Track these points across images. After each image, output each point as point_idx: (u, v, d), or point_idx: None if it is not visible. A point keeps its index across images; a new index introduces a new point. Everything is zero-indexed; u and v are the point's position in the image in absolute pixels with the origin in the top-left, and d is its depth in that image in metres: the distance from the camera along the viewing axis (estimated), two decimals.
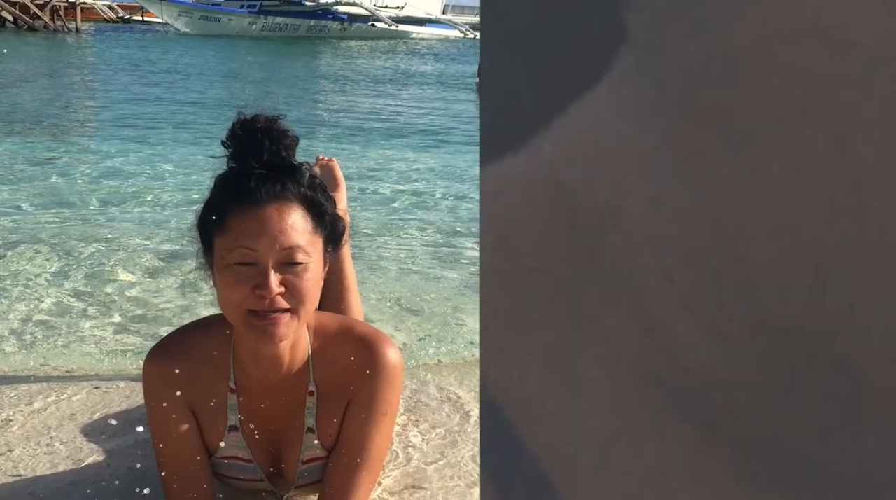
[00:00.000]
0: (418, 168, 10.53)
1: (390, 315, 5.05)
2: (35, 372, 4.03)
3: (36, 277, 5.56)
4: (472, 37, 66.93)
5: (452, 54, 44.09)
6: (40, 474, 3.07)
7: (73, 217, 7.28)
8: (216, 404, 2.59)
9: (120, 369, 4.08)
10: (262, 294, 2.29)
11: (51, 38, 45.51)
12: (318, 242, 2.42)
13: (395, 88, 23.77)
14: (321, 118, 15.82)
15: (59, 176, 9.10)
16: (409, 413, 3.57)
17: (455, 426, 3.49)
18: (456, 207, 8.30)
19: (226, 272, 2.33)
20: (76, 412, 3.56)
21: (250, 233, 2.30)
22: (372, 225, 7.21)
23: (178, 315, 4.91)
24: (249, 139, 2.41)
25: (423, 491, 2.97)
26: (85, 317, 4.89)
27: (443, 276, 5.91)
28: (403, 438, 3.35)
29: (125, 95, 18.84)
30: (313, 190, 2.43)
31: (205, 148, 10.65)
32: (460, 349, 4.49)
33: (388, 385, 2.59)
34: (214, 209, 2.39)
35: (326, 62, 35.58)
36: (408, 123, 15.55)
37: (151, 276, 5.70)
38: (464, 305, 5.28)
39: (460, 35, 67.76)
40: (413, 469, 3.12)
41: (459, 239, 6.99)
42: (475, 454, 3.24)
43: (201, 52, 36.53)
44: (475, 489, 2.99)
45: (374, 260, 6.15)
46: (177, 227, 6.73)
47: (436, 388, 3.88)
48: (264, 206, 2.33)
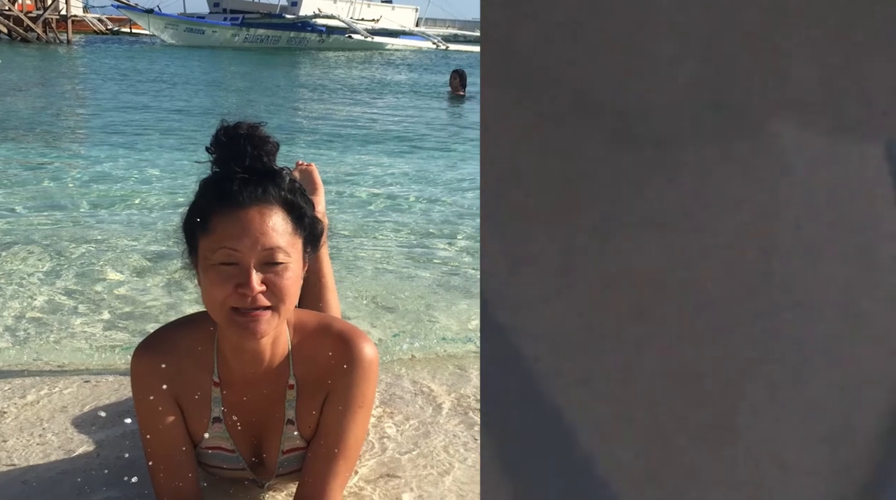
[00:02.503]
0: (393, 173, 10.53)
1: (366, 312, 5.05)
2: (28, 367, 4.01)
3: (29, 276, 5.54)
4: (444, 48, 66.95)
5: (425, 65, 44.06)
6: (33, 463, 3.06)
7: (64, 219, 7.25)
8: (200, 397, 2.59)
9: (109, 364, 4.07)
10: (244, 292, 2.30)
11: (43, 49, 45.34)
12: (298, 243, 2.43)
13: (370, 97, 23.75)
14: (300, 125, 15.80)
15: (51, 180, 9.07)
16: (384, 406, 3.58)
17: (428, 418, 3.49)
18: (429, 209, 8.30)
19: (210, 272, 2.34)
20: (67, 405, 3.55)
21: (233, 234, 2.31)
22: (349, 227, 7.21)
23: (164, 312, 4.90)
24: (232, 145, 2.42)
25: (398, 479, 2.98)
26: (76, 314, 4.87)
27: (416, 275, 5.91)
28: (379, 429, 3.36)
29: (114, 103, 18.77)
30: (293, 193, 2.44)
31: (190, 153, 10.64)
32: (433, 345, 4.49)
33: (365, 379, 2.60)
34: (199, 212, 2.39)
35: (305, 72, 35.54)
36: (383, 129, 15.53)
37: (139, 275, 5.69)
38: (436, 302, 5.28)
39: (433, 46, 67.69)
40: (388, 459, 3.13)
41: (432, 240, 6.99)
42: (447, 445, 3.25)
43: (186, 63, 36.43)
44: (447, 477, 3.00)
45: (351, 260, 6.15)
46: (163, 228, 6.72)
47: (410, 382, 3.88)
48: (246, 208, 2.34)
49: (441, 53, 61.86)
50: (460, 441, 3.29)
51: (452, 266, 6.19)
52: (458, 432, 3.38)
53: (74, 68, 32.62)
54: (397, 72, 37.19)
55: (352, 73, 35.16)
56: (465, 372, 4.02)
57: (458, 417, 3.52)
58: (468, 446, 3.25)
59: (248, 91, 25.29)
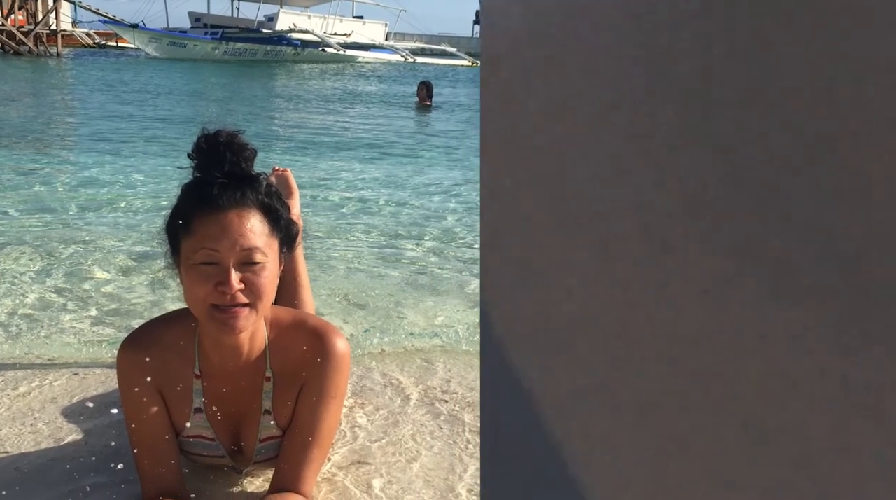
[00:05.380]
0: (364, 178, 10.52)
1: (339, 309, 5.04)
2: (20, 360, 4.00)
3: (21, 275, 5.51)
4: (412, 61, 66.95)
5: (394, 76, 44.05)
6: (25, 451, 3.05)
7: (54, 222, 7.22)
8: (182, 389, 2.60)
9: (96, 358, 4.06)
10: (223, 290, 2.31)
11: (34, 61, 45.05)
12: (274, 243, 2.43)
13: (343, 107, 23.71)
14: (277, 133, 15.76)
15: (41, 185, 9.02)
16: (356, 397, 3.58)
17: (396, 408, 3.50)
18: (398, 212, 8.30)
19: (191, 271, 2.35)
20: (57, 396, 3.54)
21: (213, 236, 2.32)
22: (322, 229, 7.20)
23: (148, 309, 4.88)
24: (213, 152, 2.43)
25: (368, 466, 2.98)
26: (65, 311, 4.85)
27: (386, 274, 5.91)
28: (350, 419, 3.36)
29: (101, 113, 18.67)
30: (270, 197, 2.45)
31: (172, 160, 10.57)
32: (401, 340, 4.49)
33: (337, 372, 2.60)
34: (181, 215, 2.40)
35: (282, 83, 35.44)
36: (354, 137, 15.52)
37: (125, 274, 5.66)
38: (404, 300, 5.28)
39: (401, 59, 67.64)
40: (359, 447, 3.13)
41: (401, 241, 6.99)
42: (414, 433, 3.26)
43: (169, 74, 36.29)
44: (415, 464, 3.00)
45: (325, 260, 6.14)
46: (147, 230, 6.69)
47: (380, 374, 3.88)
48: (226, 211, 2.34)
49: (409, 66, 61.84)
50: (427, 430, 3.29)
51: (420, 266, 6.19)
52: (425, 421, 3.38)
53: (64, 79, 32.44)
54: (368, 83, 37.16)
55: (325, 85, 35.10)
56: (432, 365, 4.03)
57: (424, 407, 3.52)
58: (434, 434, 3.26)
59: (228, 101, 25.21)
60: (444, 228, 7.57)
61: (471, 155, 13.15)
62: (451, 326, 4.77)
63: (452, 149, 13.97)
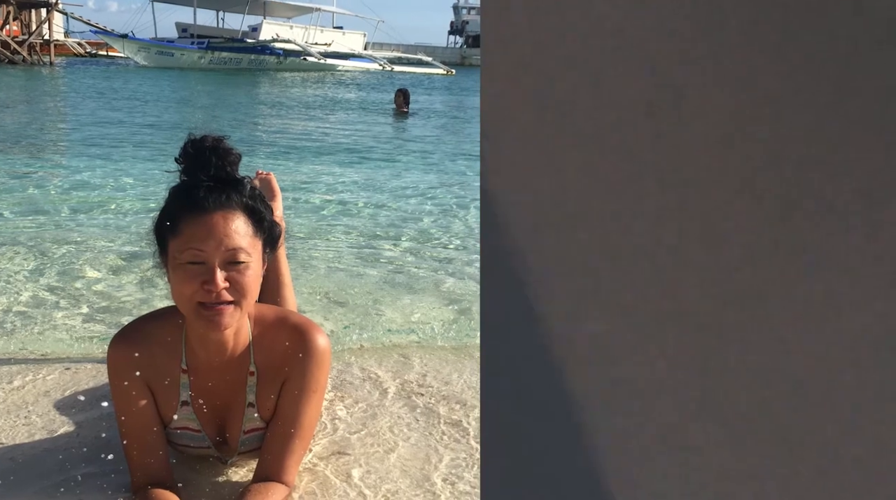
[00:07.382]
0: (344, 181, 10.51)
1: (320, 307, 5.04)
2: (14, 355, 3.98)
3: (15, 274, 5.49)
4: (389, 69, 66.99)
5: (373, 84, 44.01)
6: (19, 442, 3.04)
7: (47, 223, 7.18)
8: (170, 383, 2.59)
9: (88, 353, 4.05)
10: (209, 289, 2.31)
11: (28, 70, 44.84)
12: (258, 244, 2.44)
13: (323, 113, 23.67)
14: (260, 138, 15.73)
15: (35, 188, 8.98)
16: (336, 390, 3.58)
17: (375, 401, 3.50)
18: (376, 214, 8.29)
19: (178, 270, 2.35)
20: (50, 390, 3.53)
21: (199, 236, 2.32)
22: (304, 230, 7.19)
23: (137, 307, 4.87)
24: (199, 156, 2.43)
25: (348, 457, 2.98)
26: (57, 308, 4.83)
27: (365, 273, 5.91)
28: (331, 411, 3.36)
29: (92, 119, 18.60)
30: (254, 200, 2.45)
31: (160, 164, 10.55)
32: (380, 336, 4.49)
33: (318, 367, 2.61)
34: (169, 216, 2.40)
35: (265, 91, 35.36)
36: (335, 142, 15.50)
37: (115, 273, 5.64)
38: (382, 298, 5.28)
39: (379, 68, 67.63)
40: (339, 438, 3.13)
41: (379, 242, 6.99)
42: (392, 425, 3.26)
43: (157, 82, 36.18)
44: (392, 455, 3.01)
45: (306, 260, 6.13)
46: (136, 231, 6.67)
47: (359, 369, 3.88)
48: (211, 213, 2.35)
49: (387, 74, 61.88)
50: (404, 422, 3.29)
51: (397, 265, 6.18)
52: (402, 414, 3.38)
53: (56, 87, 32.31)
54: (347, 90, 37.12)
55: (306, 92, 35.06)
56: (409, 360, 4.03)
57: (402, 400, 3.52)
58: (411, 426, 3.26)
59: (213, 108, 25.13)
60: (420, 229, 7.57)
61: (445, 159, 13.16)
62: (427, 322, 4.77)
63: (428, 153, 13.97)
